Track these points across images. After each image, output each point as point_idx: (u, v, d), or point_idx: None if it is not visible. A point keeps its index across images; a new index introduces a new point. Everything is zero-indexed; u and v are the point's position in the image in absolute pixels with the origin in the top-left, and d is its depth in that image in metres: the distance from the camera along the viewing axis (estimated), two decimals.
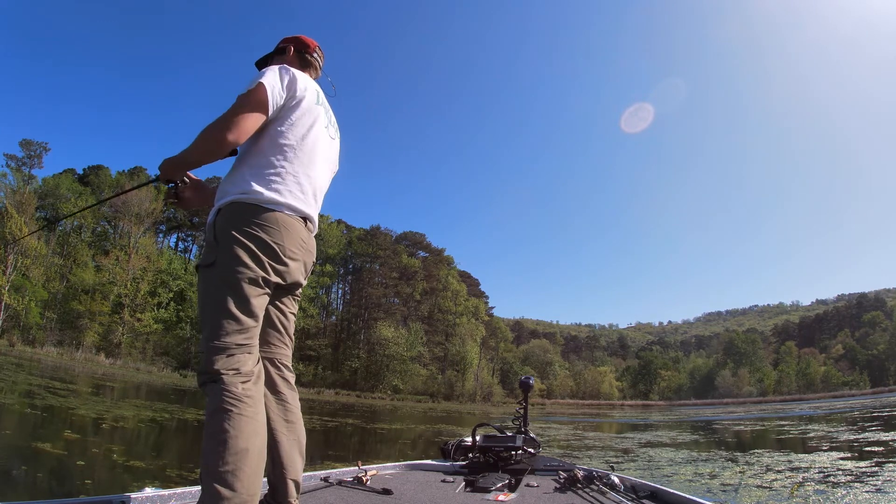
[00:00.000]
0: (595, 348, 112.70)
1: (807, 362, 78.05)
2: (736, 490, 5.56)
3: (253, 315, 1.53)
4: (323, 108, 1.82)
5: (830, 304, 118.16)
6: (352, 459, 7.52)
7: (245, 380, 1.45)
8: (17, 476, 4.47)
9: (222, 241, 1.56)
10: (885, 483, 5.65)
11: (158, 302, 44.44)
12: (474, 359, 61.42)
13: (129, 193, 44.56)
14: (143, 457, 6.16)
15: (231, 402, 1.39)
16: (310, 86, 1.77)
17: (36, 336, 36.40)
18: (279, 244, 1.59)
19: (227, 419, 1.37)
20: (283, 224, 1.61)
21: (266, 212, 1.59)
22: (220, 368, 1.43)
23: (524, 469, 2.77)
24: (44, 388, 14.15)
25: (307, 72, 1.92)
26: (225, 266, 1.53)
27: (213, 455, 1.34)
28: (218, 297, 1.51)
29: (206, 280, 1.56)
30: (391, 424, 18.16)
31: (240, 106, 1.59)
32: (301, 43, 1.96)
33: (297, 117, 1.69)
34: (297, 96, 1.69)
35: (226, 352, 1.45)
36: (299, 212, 1.67)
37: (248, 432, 1.38)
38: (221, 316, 1.49)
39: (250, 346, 1.51)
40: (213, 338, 1.47)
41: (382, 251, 62.63)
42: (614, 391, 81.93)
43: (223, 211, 1.60)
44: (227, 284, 1.52)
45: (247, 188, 1.60)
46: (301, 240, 1.67)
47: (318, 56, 1.99)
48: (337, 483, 2.35)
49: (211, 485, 1.32)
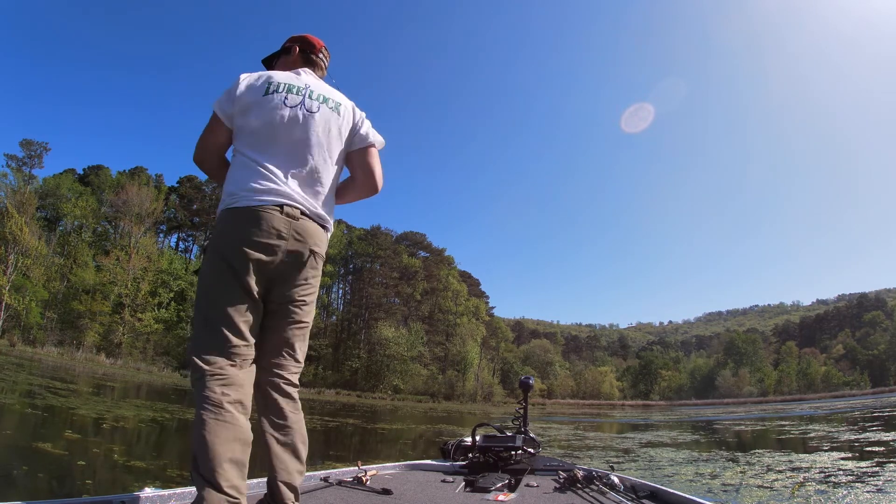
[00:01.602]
0: (596, 348, 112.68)
1: (807, 362, 77.99)
2: (737, 490, 5.55)
3: (229, 320, 1.54)
4: (285, 92, 1.75)
5: (831, 304, 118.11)
6: (352, 459, 7.52)
7: (223, 383, 1.48)
8: (17, 476, 4.47)
9: (206, 248, 1.69)
10: (886, 483, 5.65)
11: (159, 302, 44.49)
12: (475, 359, 61.38)
13: (130, 193, 44.67)
14: (143, 457, 6.16)
15: (208, 407, 1.43)
16: (260, 79, 1.76)
17: (36, 336, 36.43)
18: (243, 240, 1.57)
19: (204, 424, 1.40)
20: (246, 218, 1.59)
21: (228, 211, 1.62)
22: (198, 374, 1.49)
23: (524, 469, 2.76)
24: (44, 387, 14.17)
25: (306, 69, 1.91)
26: (202, 273, 1.64)
27: (194, 458, 1.39)
28: (199, 304, 1.60)
29: (196, 287, 1.69)
30: (392, 424, 18.16)
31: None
32: (307, 42, 1.96)
33: (246, 116, 1.72)
34: (239, 98, 1.72)
35: (202, 357, 1.50)
36: (265, 201, 1.61)
37: (225, 437, 1.41)
38: (200, 322, 1.57)
39: (229, 351, 1.53)
40: (192, 343, 1.54)
41: (383, 251, 62.66)
42: (615, 391, 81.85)
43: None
44: (203, 291, 1.62)
45: (221, 199, 1.70)
46: (273, 228, 1.60)
47: (323, 56, 1.98)
48: (337, 483, 2.35)
49: (198, 486, 1.38)
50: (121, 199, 45.22)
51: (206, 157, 1.78)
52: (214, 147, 1.77)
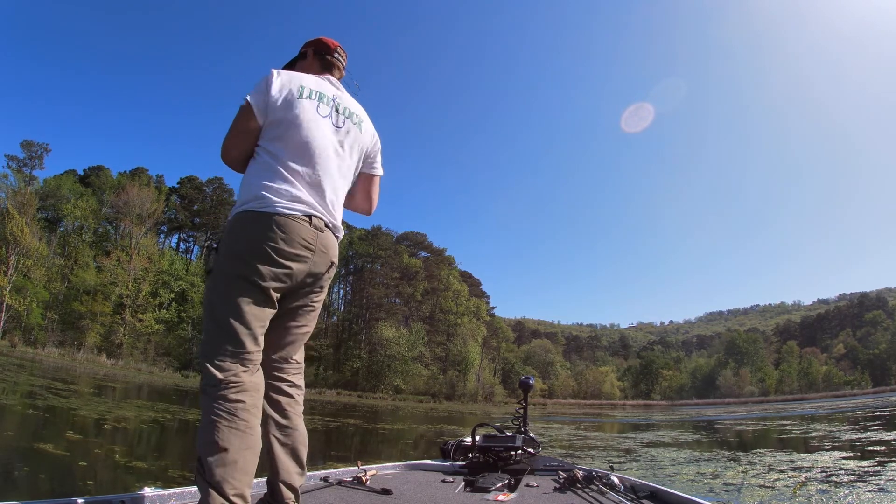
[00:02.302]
0: (596, 348, 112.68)
1: (808, 362, 77.92)
2: (739, 490, 5.55)
3: (246, 326, 1.51)
4: (317, 100, 1.74)
5: (832, 303, 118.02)
6: (353, 460, 7.53)
7: (238, 390, 1.45)
8: (19, 477, 4.48)
9: (220, 249, 1.60)
10: (887, 482, 5.64)
11: (160, 302, 44.55)
12: (476, 359, 61.40)
13: (131, 194, 44.73)
14: (144, 457, 6.16)
15: (222, 414, 1.40)
16: (293, 81, 1.71)
17: (37, 337, 36.47)
18: (272, 247, 1.54)
19: (217, 431, 1.38)
20: (275, 225, 1.56)
21: (255, 214, 1.57)
22: (212, 381, 1.44)
23: (524, 469, 2.76)
24: (45, 388, 14.19)
25: (330, 73, 1.90)
26: (216, 276, 1.58)
27: (200, 464, 1.37)
28: (212, 308, 1.54)
29: (206, 286, 1.62)
30: (393, 425, 18.17)
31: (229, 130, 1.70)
32: (321, 45, 1.95)
33: (278, 113, 1.66)
34: (273, 94, 1.66)
35: (216, 364, 1.46)
36: (296, 209, 1.60)
37: (238, 445, 1.39)
38: (213, 326, 1.52)
39: (244, 357, 1.50)
40: (204, 348, 1.50)
41: (383, 251, 62.67)
42: (616, 391, 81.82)
43: (227, 224, 1.64)
44: (218, 295, 1.55)
45: (242, 199, 1.63)
46: (303, 238, 1.60)
47: (339, 56, 1.96)
48: (336, 483, 2.35)
49: (203, 492, 1.36)
50: (121, 200, 45.27)
51: (237, 150, 1.70)
52: (248, 140, 1.69)
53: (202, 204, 60.07)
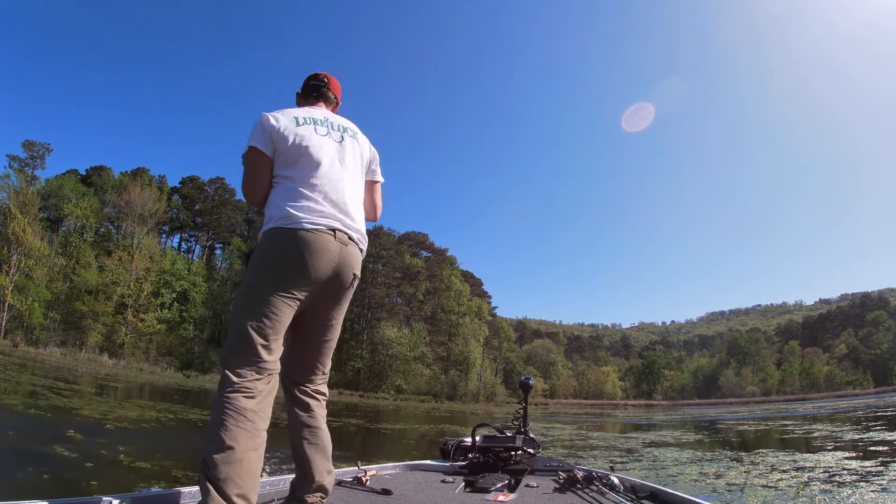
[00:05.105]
0: (598, 348, 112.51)
1: (810, 362, 77.79)
2: (741, 490, 5.55)
3: (268, 338, 1.59)
4: (312, 124, 1.85)
5: (834, 303, 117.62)
6: (355, 460, 7.54)
7: (249, 395, 1.52)
8: (21, 477, 4.49)
9: (249, 263, 1.71)
10: (890, 482, 5.63)
11: (161, 302, 44.59)
12: (477, 359, 61.38)
13: (133, 194, 44.77)
14: (147, 457, 6.17)
15: (231, 413, 1.46)
16: (286, 114, 1.82)
17: (39, 336, 36.53)
18: (300, 261, 1.64)
19: (225, 429, 1.43)
20: (303, 240, 1.65)
21: (282, 230, 1.66)
22: (229, 386, 1.52)
23: (524, 469, 2.76)
24: (47, 388, 14.21)
25: (316, 102, 2.02)
26: (247, 288, 1.67)
27: (205, 462, 1.41)
28: (238, 318, 1.63)
29: (234, 298, 1.74)
30: (394, 424, 18.18)
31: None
32: (305, 85, 2.07)
33: (285, 148, 1.77)
34: (273, 129, 1.76)
35: (235, 371, 1.54)
36: (320, 224, 1.69)
37: (245, 445, 1.44)
38: (236, 334, 1.60)
39: (261, 366, 1.57)
40: (226, 354, 1.59)
41: (385, 251, 62.65)
42: (617, 391, 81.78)
43: (258, 242, 1.75)
44: (246, 306, 1.64)
45: (269, 218, 1.73)
46: (329, 252, 1.69)
47: (319, 79, 2.06)
48: (336, 483, 2.35)
49: (203, 491, 1.39)
50: (123, 200, 45.32)
51: (260, 188, 1.79)
52: (265, 176, 1.79)
53: (204, 204, 60.16)
